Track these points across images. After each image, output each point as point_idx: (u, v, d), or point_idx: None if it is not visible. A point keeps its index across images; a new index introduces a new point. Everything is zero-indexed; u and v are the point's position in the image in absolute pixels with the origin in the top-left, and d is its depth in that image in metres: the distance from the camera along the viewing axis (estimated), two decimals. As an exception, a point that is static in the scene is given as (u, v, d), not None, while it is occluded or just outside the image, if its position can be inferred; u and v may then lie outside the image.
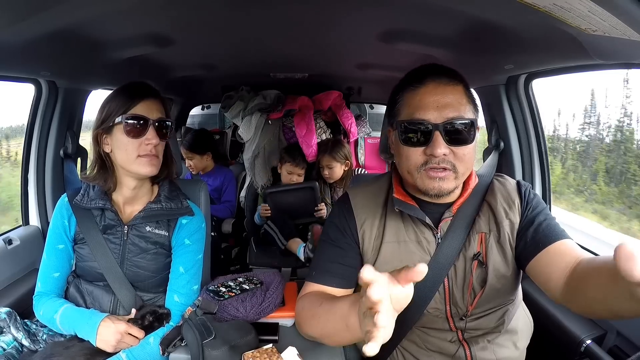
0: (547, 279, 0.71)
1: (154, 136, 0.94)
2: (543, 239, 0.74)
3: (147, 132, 0.93)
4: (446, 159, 0.72)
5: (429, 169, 0.73)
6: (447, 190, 0.75)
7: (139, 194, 1.03)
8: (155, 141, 0.94)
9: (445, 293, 0.80)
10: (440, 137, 0.71)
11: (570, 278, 0.66)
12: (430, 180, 0.74)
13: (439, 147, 0.71)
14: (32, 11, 0.72)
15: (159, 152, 0.98)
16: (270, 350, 0.82)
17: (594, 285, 0.59)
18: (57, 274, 1.01)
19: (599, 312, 0.62)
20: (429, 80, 0.74)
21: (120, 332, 0.92)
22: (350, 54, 1.46)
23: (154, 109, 0.95)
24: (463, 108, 0.73)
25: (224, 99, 2.17)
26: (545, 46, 0.88)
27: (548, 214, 0.79)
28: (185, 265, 1.03)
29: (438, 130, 0.71)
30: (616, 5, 0.55)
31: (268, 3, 0.88)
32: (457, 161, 0.73)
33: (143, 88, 0.97)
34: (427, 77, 0.75)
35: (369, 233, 0.83)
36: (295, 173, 2.03)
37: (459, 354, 0.80)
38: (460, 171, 0.74)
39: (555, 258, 0.71)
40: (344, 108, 2.26)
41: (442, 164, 0.72)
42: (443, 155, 0.72)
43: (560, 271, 0.68)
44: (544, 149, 1.37)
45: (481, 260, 0.78)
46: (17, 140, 2.73)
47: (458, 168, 0.73)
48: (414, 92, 0.75)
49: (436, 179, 0.73)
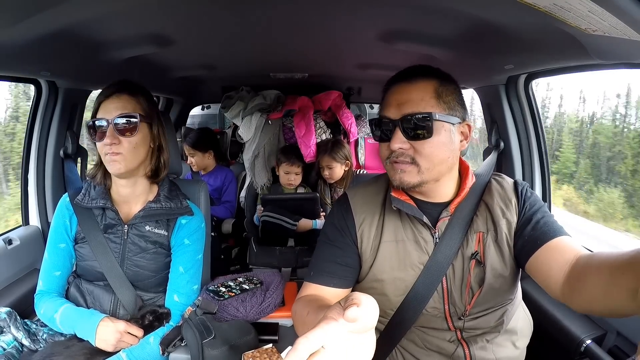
0: (546, 276, 0.71)
1: (109, 136, 0.91)
2: (541, 235, 0.74)
3: (106, 136, 0.92)
4: (405, 153, 0.75)
5: (392, 162, 0.77)
6: (409, 183, 0.76)
7: (136, 192, 1.03)
8: (108, 141, 0.91)
9: (443, 292, 0.80)
10: (398, 132, 0.75)
11: (569, 275, 0.66)
12: (393, 172, 0.78)
13: (394, 142, 0.75)
14: (32, 11, 0.72)
15: (125, 149, 0.93)
16: (270, 350, 0.82)
17: (593, 283, 0.59)
18: (59, 273, 1.02)
19: (598, 310, 0.62)
20: (397, 81, 0.79)
21: (120, 331, 0.93)
22: (350, 54, 1.46)
23: (113, 107, 0.93)
24: (424, 104, 0.74)
25: (224, 99, 2.17)
26: (545, 46, 0.88)
27: (546, 211, 0.79)
28: (184, 265, 1.03)
29: (397, 126, 0.75)
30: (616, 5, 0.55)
31: (268, 3, 0.88)
32: (418, 155, 0.75)
33: (107, 87, 0.96)
34: (398, 79, 0.79)
35: (368, 232, 0.83)
36: (293, 172, 2.02)
37: (458, 354, 0.80)
38: (423, 165, 0.75)
39: (554, 255, 0.71)
40: (344, 108, 2.26)
41: (400, 158, 0.76)
42: (400, 149, 0.75)
43: (560, 268, 0.68)
44: (544, 149, 1.37)
45: (479, 259, 0.78)
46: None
47: (419, 162, 0.75)
48: (386, 93, 0.81)
49: (398, 170, 0.77)
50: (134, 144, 0.94)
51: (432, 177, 0.77)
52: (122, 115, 0.92)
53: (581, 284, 0.62)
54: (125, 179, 1.00)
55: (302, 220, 1.88)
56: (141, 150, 0.97)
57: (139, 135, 0.95)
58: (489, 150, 1.42)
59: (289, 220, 1.85)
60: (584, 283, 0.62)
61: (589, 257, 0.65)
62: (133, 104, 0.95)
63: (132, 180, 1.01)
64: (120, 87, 0.95)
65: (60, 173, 1.42)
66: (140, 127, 0.95)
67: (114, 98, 0.94)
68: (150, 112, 0.98)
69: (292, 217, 1.86)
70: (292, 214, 1.89)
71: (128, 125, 0.93)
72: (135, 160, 0.96)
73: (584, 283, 0.62)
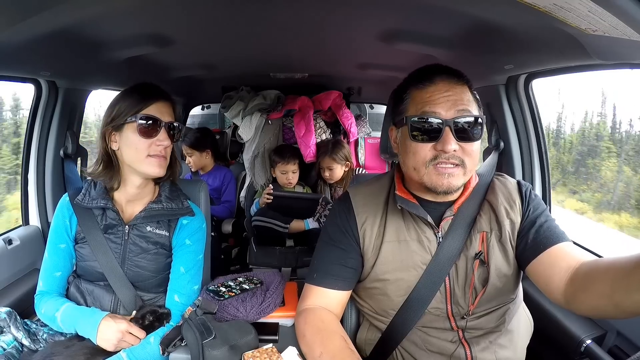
0: (548, 280, 0.71)
1: (165, 138, 0.96)
2: (544, 240, 0.74)
3: (159, 134, 0.95)
4: (455, 155, 0.73)
5: (438, 164, 0.73)
6: (455, 187, 0.75)
7: (142, 193, 1.03)
8: (166, 143, 0.96)
9: (446, 292, 0.80)
10: (450, 133, 0.72)
11: (572, 280, 0.66)
12: (439, 177, 0.74)
13: (449, 143, 0.71)
14: (32, 11, 0.72)
15: (168, 154, 0.99)
16: (270, 350, 0.82)
17: (602, 279, 0.60)
18: (59, 273, 1.02)
19: (603, 308, 0.61)
20: (438, 78, 0.75)
21: (121, 330, 0.92)
22: (350, 54, 1.46)
23: (165, 112, 0.97)
24: (471, 105, 0.75)
25: (224, 99, 2.17)
26: (545, 46, 0.88)
27: (548, 215, 0.80)
28: (185, 266, 1.03)
29: (448, 126, 0.72)
30: (616, 5, 0.55)
31: (268, 3, 0.88)
32: (466, 157, 0.74)
33: (156, 90, 0.98)
34: (436, 75, 0.76)
35: (370, 232, 0.83)
36: (289, 171, 2.00)
37: (459, 355, 0.80)
38: (469, 167, 0.75)
39: (556, 260, 0.71)
40: (344, 108, 2.26)
41: (451, 160, 0.73)
42: (453, 151, 0.72)
43: (562, 273, 0.68)
44: (544, 149, 1.37)
45: (483, 259, 0.78)
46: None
47: (467, 164, 0.74)
48: (424, 90, 0.76)
49: (445, 174, 0.73)
50: (172, 148, 1.01)
51: (469, 178, 0.78)
52: (172, 122, 0.98)
53: (588, 284, 0.63)
54: (145, 179, 1.01)
55: (294, 222, 1.88)
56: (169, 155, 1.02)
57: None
58: (489, 150, 1.42)
59: (279, 223, 1.85)
60: (591, 282, 0.62)
61: (595, 262, 0.66)
62: (175, 114, 1.01)
63: (146, 181, 1.02)
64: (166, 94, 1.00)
65: (60, 173, 1.42)
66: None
67: (164, 102, 0.98)
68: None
69: (284, 219, 1.86)
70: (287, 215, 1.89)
71: (174, 132, 0.99)
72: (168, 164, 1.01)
73: (591, 282, 0.62)
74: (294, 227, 1.89)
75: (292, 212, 1.92)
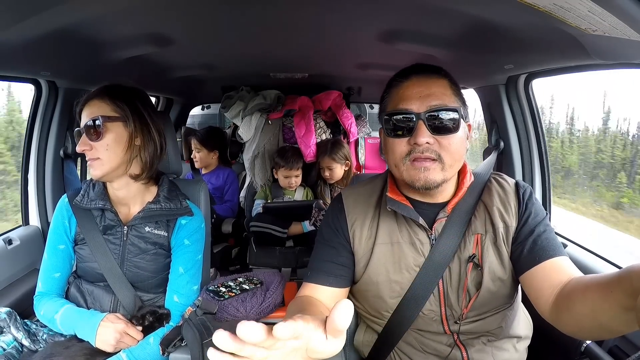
0: (538, 294, 0.70)
1: (81, 143, 0.93)
2: (540, 252, 0.72)
3: (80, 140, 0.94)
4: (430, 148, 0.72)
5: (414, 159, 0.72)
6: (433, 182, 0.73)
7: (130, 194, 1.02)
8: (80, 148, 0.93)
9: (440, 295, 0.78)
10: (423, 126, 0.71)
11: (559, 295, 0.65)
12: (415, 171, 0.73)
13: (421, 136, 0.71)
14: (32, 11, 0.72)
15: (100, 153, 0.93)
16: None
17: (582, 302, 0.58)
18: (58, 274, 1.02)
19: (587, 329, 0.60)
20: (413, 75, 0.76)
21: (119, 331, 0.93)
22: (350, 54, 1.46)
23: (87, 115, 0.94)
24: (447, 98, 0.73)
25: (224, 99, 2.17)
26: (545, 46, 0.88)
27: (548, 224, 0.77)
28: (184, 266, 1.03)
29: (421, 119, 0.71)
30: (616, 5, 0.55)
31: (268, 3, 0.88)
32: (443, 151, 0.72)
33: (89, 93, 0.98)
34: (411, 72, 0.77)
35: (359, 233, 0.82)
36: (292, 175, 2.01)
37: (455, 357, 0.79)
38: (447, 162, 0.73)
39: (550, 274, 0.69)
40: (344, 108, 2.26)
41: (426, 153, 0.72)
42: (427, 144, 0.71)
43: (552, 288, 0.67)
44: (544, 149, 1.37)
45: (477, 262, 0.77)
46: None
47: (444, 158, 0.72)
48: (398, 86, 0.77)
49: (421, 168, 0.72)
50: (105, 146, 0.93)
51: (451, 175, 0.76)
52: (88, 122, 0.93)
53: (569, 303, 0.62)
54: (111, 181, 0.99)
55: (292, 226, 1.89)
56: (117, 151, 0.94)
57: (109, 137, 0.93)
58: (489, 150, 1.42)
59: (278, 228, 1.85)
60: (571, 302, 0.61)
61: (579, 279, 0.64)
62: (97, 108, 0.94)
63: (122, 181, 0.99)
64: (91, 94, 0.97)
65: (60, 173, 1.42)
66: (109, 127, 0.93)
67: (85, 107, 0.96)
68: (123, 110, 0.96)
69: (282, 223, 1.87)
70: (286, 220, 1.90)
71: (94, 130, 0.93)
72: (113, 162, 0.94)
73: (571, 302, 0.61)
74: (292, 231, 1.89)
75: (289, 217, 1.93)
